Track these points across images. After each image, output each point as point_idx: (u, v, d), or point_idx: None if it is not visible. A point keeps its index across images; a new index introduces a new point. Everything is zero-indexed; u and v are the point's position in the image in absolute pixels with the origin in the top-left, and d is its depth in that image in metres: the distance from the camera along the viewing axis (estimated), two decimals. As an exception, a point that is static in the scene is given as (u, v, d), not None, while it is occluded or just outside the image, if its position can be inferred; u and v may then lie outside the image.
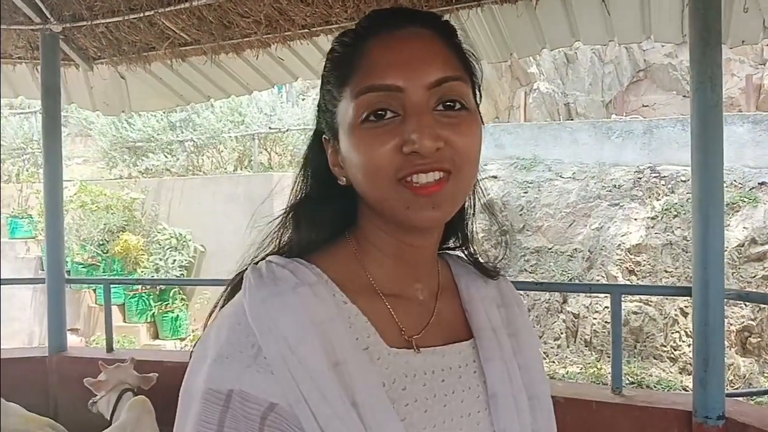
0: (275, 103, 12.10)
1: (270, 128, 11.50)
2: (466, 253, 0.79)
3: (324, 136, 0.70)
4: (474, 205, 0.75)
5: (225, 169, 11.68)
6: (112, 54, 4.06)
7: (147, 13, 3.52)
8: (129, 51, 3.99)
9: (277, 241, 0.71)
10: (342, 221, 0.71)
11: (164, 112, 11.07)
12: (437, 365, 0.66)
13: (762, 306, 6.32)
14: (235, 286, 0.68)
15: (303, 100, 13.41)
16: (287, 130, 11.49)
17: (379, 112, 0.61)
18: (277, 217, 0.72)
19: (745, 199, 7.29)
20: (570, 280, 8.02)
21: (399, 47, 0.63)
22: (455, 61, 0.65)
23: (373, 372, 0.60)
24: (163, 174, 11.33)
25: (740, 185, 7.54)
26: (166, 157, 11.56)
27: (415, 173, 0.60)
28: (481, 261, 0.78)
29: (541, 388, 0.74)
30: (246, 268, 0.67)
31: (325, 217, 0.70)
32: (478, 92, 0.69)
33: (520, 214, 8.98)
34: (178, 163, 11.59)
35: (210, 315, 0.68)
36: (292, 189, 0.73)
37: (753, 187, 7.46)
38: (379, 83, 0.61)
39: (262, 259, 0.68)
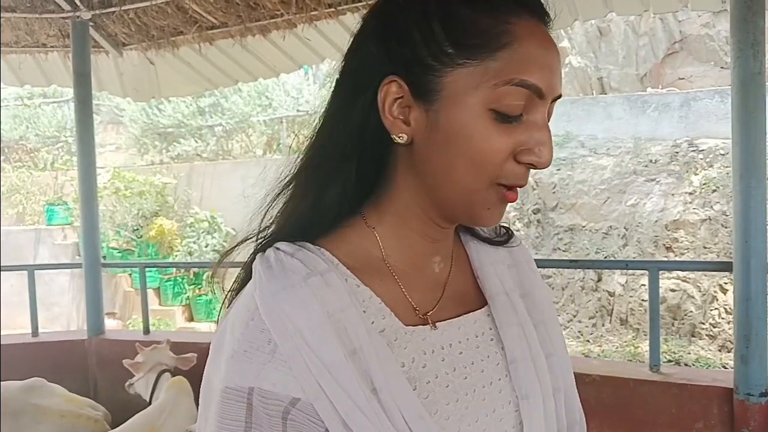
0: (302, 85, 12.10)
1: (298, 111, 11.52)
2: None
3: (392, 77, 0.60)
4: None
5: (254, 153, 11.76)
6: (141, 39, 4.09)
7: (174, -3, 3.53)
8: (157, 36, 4.02)
9: (288, 214, 0.66)
10: (361, 188, 0.65)
11: (193, 98, 11.16)
12: (454, 338, 0.65)
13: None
14: (244, 275, 0.66)
15: (328, 82, 13.36)
16: (315, 113, 11.48)
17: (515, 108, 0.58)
18: (280, 187, 0.67)
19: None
20: (605, 257, 7.89)
21: (546, 45, 0.59)
22: None
23: (390, 355, 0.59)
24: (193, 159, 11.47)
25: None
26: (196, 142, 11.69)
27: (519, 186, 0.60)
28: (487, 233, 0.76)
29: (558, 344, 0.73)
30: (251, 256, 0.65)
31: (344, 185, 0.63)
32: None
33: (553, 192, 8.83)
34: (209, 148, 11.72)
35: (223, 304, 0.67)
36: (312, 142, 0.67)
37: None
38: (532, 82, 0.57)
39: (268, 244, 0.64)
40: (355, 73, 0.64)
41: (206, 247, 9.53)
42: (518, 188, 0.61)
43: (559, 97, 0.61)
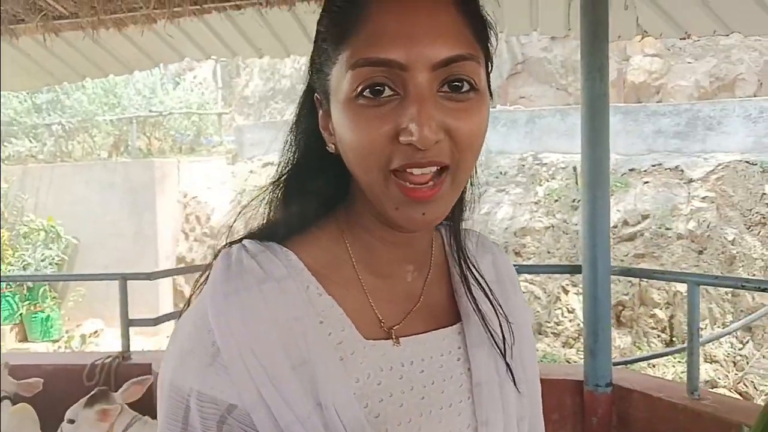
0: (155, 84, 11.45)
1: (150, 111, 10.87)
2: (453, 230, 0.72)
3: (316, 95, 0.63)
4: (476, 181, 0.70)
5: (98, 155, 10.91)
6: (-29, 25, 3.62)
7: (16, -20, 3.17)
8: (-7, 22, 3.57)
9: (265, 216, 0.66)
10: (332, 194, 0.65)
11: (28, 93, 10.10)
12: (417, 355, 0.62)
13: (634, 281, 6.91)
14: (209, 269, 0.63)
15: (180, 82, 12.79)
16: (169, 114, 10.92)
17: (377, 88, 0.54)
18: (263, 190, 0.66)
19: (618, 184, 7.92)
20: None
21: (405, 15, 0.54)
22: (469, 32, 0.57)
23: (341, 369, 0.57)
24: (27, 161, 10.38)
25: (613, 171, 8.18)
26: (30, 142, 10.61)
27: (409, 167, 0.54)
28: (466, 241, 0.73)
29: (531, 371, 0.71)
30: (220, 249, 0.62)
31: (314, 191, 0.64)
32: (490, 67, 0.61)
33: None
34: (45, 149, 10.68)
35: (190, 297, 0.63)
36: (280, 159, 0.66)
37: (624, 173, 8.13)
38: (380, 57, 0.53)
39: (239, 240, 0.63)
40: (305, 95, 0.66)
41: (43, 260, 8.63)
42: (427, 186, 0.55)
43: (455, 59, 0.54)
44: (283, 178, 0.65)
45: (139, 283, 3.86)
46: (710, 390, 5.02)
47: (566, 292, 7.31)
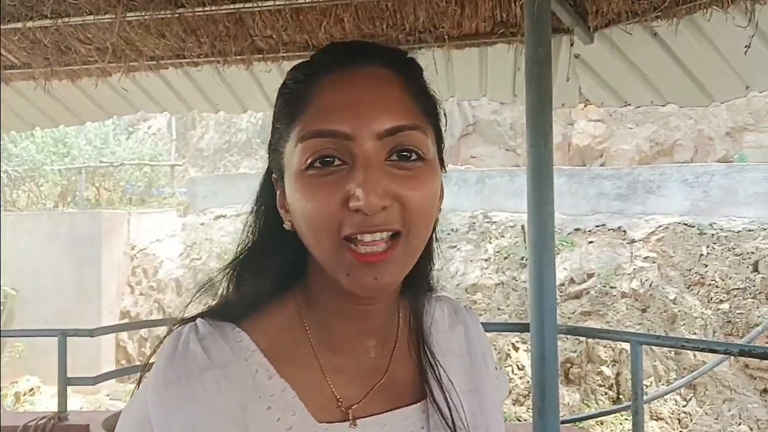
0: (107, 135, 11.30)
1: (101, 162, 10.68)
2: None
3: (273, 175, 0.65)
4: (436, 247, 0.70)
5: (44, 204, 10.59)
6: None
7: (-32, 31, 3.14)
8: (-60, 70, 3.51)
9: (221, 292, 0.65)
10: (290, 272, 0.65)
11: (-28, 140, 9.80)
12: None
13: (581, 339, 7.03)
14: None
15: (133, 132, 12.67)
16: (120, 164, 10.74)
17: (327, 159, 0.56)
18: (222, 270, 0.66)
19: (564, 243, 8.16)
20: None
21: (350, 88, 0.57)
22: (414, 107, 0.59)
23: None
24: (-32, 209, 9.95)
25: (559, 231, 8.44)
26: (-28, 190, 10.19)
27: (360, 233, 0.54)
28: (437, 311, 0.72)
29: None
30: (175, 327, 0.62)
31: (271, 269, 0.64)
32: (441, 139, 0.63)
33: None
34: (-12, 198, 10.27)
35: (139, 381, 0.62)
36: (240, 239, 0.66)
37: (570, 233, 8.39)
38: (326, 128, 0.56)
39: (193, 318, 0.62)
40: (265, 177, 0.67)
41: (-23, 311, 8.20)
42: (379, 250, 0.55)
43: (401, 129, 0.56)
44: (241, 256, 0.65)
45: (80, 338, 3.71)
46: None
47: (516, 349, 7.38)
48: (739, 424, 6.31)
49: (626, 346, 6.87)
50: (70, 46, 3.33)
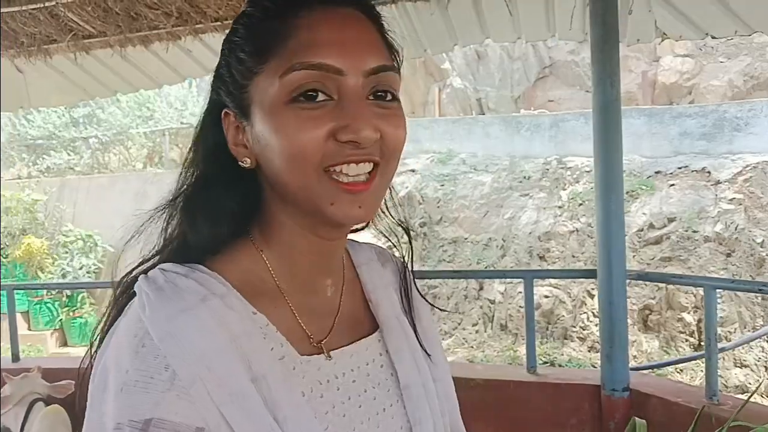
0: (186, 97, 11.73)
1: (182, 123, 11.14)
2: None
3: (225, 109, 0.62)
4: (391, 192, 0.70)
5: (133, 166, 11.21)
6: (9, 46, 3.80)
7: (48, 4, 3.32)
8: (27, 43, 3.75)
9: (163, 238, 0.63)
10: (243, 212, 0.64)
11: (66, 108, 10.46)
12: (347, 366, 0.64)
13: (660, 285, 6.81)
14: (121, 300, 0.61)
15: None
16: (200, 126, 11.16)
17: (310, 93, 0.56)
18: (161, 208, 0.64)
19: (643, 187, 7.83)
20: (486, 267, 8.31)
21: (339, 26, 0.58)
22: (386, 50, 0.61)
23: (292, 383, 0.58)
24: (66, 173, 10.74)
25: (638, 174, 8.09)
26: (69, 155, 10.97)
27: (346, 163, 0.56)
28: (371, 253, 0.77)
29: (443, 369, 0.74)
30: (128, 278, 0.61)
31: (225, 208, 0.62)
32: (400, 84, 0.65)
33: (438, 206, 9.21)
34: (83, 162, 11.03)
35: (94, 336, 0.61)
36: (181, 174, 0.64)
37: (650, 176, 8.03)
38: (316, 61, 0.56)
39: (152, 266, 0.60)
40: (208, 112, 0.65)
41: (81, 268, 8.92)
42: (362, 180, 0.57)
43: (383, 69, 0.58)
44: (185, 196, 0.63)
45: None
46: (735, 396, 4.91)
47: (591, 296, 7.24)
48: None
49: (710, 292, 6.59)
50: (139, 12, 3.47)
